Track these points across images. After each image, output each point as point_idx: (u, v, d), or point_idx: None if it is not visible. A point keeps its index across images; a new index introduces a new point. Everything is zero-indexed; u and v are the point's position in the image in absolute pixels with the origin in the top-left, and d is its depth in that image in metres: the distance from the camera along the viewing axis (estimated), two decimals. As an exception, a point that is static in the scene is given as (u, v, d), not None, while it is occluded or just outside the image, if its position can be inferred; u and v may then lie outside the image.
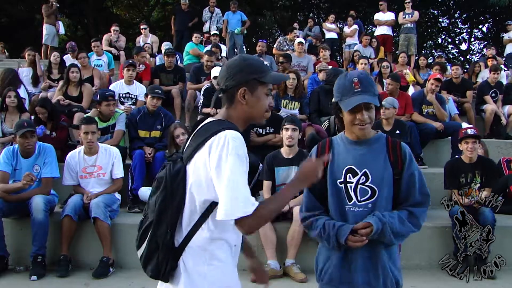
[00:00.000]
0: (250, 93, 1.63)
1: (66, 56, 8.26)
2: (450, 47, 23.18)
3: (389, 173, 1.87)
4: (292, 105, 6.01)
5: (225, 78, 1.65)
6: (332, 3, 18.97)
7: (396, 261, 1.94)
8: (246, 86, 1.62)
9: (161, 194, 1.59)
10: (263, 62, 1.79)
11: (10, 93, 5.28)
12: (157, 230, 1.59)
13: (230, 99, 1.65)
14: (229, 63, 1.68)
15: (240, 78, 1.62)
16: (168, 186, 1.58)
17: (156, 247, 1.59)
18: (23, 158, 4.19)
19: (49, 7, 9.84)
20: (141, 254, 1.64)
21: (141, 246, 1.64)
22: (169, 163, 1.65)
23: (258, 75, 1.64)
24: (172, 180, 1.59)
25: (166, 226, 1.58)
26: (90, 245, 4.11)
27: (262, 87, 1.65)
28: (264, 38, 16.48)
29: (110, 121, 5.16)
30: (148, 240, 1.61)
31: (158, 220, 1.59)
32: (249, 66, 1.64)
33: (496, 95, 7.45)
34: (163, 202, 1.58)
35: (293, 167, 4.27)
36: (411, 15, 10.30)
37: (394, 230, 1.82)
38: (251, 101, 1.63)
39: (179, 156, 1.65)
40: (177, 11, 11.15)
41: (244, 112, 1.65)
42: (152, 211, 1.62)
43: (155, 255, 1.59)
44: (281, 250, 4.01)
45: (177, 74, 7.20)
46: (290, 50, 8.86)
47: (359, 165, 1.88)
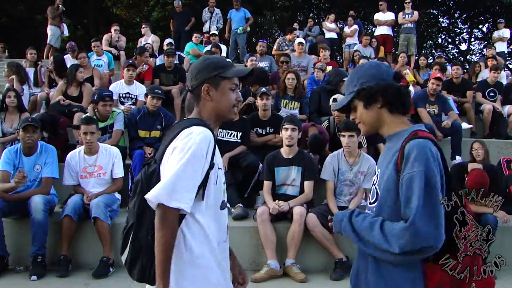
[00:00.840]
0: (214, 89, 1.70)
1: (66, 56, 8.27)
2: (450, 47, 23.20)
3: (391, 176, 1.54)
4: (292, 105, 6.02)
5: (190, 79, 1.74)
6: (332, 3, 18.99)
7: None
8: (209, 83, 1.69)
9: (138, 197, 1.61)
10: (225, 59, 1.88)
11: (10, 93, 5.28)
12: (138, 232, 1.61)
13: (197, 98, 1.72)
14: (193, 65, 1.78)
15: (202, 76, 1.70)
16: (144, 188, 1.60)
17: (139, 249, 1.60)
18: (25, 157, 4.20)
19: (55, 9, 9.90)
20: (125, 259, 1.65)
21: (124, 251, 1.65)
22: (144, 167, 1.68)
23: (219, 71, 1.70)
24: (147, 182, 1.61)
25: (147, 228, 1.59)
26: (90, 245, 4.11)
27: (225, 82, 1.71)
28: (264, 38, 16.49)
29: (107, 121, 5.16)
30: (131, 244, 1.62)
31: (138, 223, 1.61)
32: (210, 64, 1.72)
33: (495, 95, 7.45)
34: (141, 204, 1.59)
35: (293, 167, 4.28)
36: (411, 15, 10.30)
37: (355, 229, 1.57)
38: (216, 96, 1.70)
39: (154, 159, 1.68)
40: (173, 13, 11.30)
41: (212, 108, 1.71)
42: (131, 214, 1.64)
43: (139, 258, 1.60)
44: (281, 250, 4.01)
45: (177, 74, 7.19)
46: (290, 50, 8.86)
47: (379, 163, 1.69)
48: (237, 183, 4.69)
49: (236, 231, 4.00)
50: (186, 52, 8.91)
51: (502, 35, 10.75)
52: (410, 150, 1.48)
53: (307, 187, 4.25)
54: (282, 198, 4.23)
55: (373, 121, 1.63)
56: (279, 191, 4.32)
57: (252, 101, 5.84)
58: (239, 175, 4.76)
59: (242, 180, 4.73)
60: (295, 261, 3.94)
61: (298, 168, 4.27)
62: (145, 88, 6.38)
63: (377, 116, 1.62)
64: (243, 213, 4.32)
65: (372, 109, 1.61)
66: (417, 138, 1.51)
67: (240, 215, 4.29)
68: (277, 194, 4.30)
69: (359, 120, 1.67)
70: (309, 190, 4.25)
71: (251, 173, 4.67)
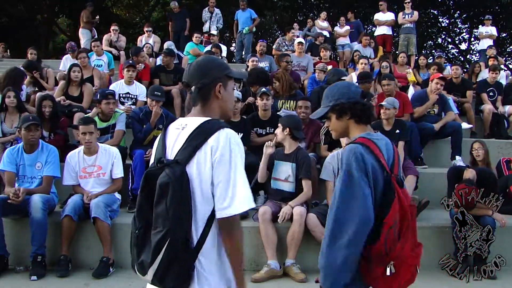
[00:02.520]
0: (223, 88, 1.73)
1: (66, 56, 8.27)
2: (450, 47, 23.20)
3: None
4: (288, 104, 6.01)
5: (198, 77, 1.71)
6: (332, 3, 18.97)
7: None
8: (221, 82, 1.72)
9: (173, 200, 1.53)
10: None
11: (10, 93, 5.27)
12: (175, 237, 1.53)
13: (205, 96, 1.71)
14: (199, 63, 1.75)
15: (214, 74, 1.71)
16: (177, 190, 1.53)
17: (174, 256, 1.53)
18: (26, 154, 4.22)
19: (89, 18, 10.29)
20: (155, 269, 1.55)
21: (154, 262, 1.55)
22: (166, 168, 1.57)
23: (228, 71, 1.76)
24: (180, 184, 1.54)
25: (185, 232, 1.55)
26: (90, 245, 4.11)
27: (231, 82, 1.78)
28: (264, 38, 16.49)
29: (110, 120, 5.16)
30: (166, 251, 1.53)
31: (174, 228, 1.53)
32: (220, 63, 1.77)
33: (495, 95, 7.45)
34: (178, 207, 1.53)
35: (289, 163, 4.26)
36: (410, 15, 10.30)
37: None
38: (225, 96, 1.73)
39: (173, 160, 1.60)
40: (171, 14, 11.37)
41: (219, 107, 1.74)
42: (164, 219, 1.53)
43: (174, 264, 1.54)
44: (281, 250, 4.01)
45: (177, 74, 7.19)
46: (290, 50, 8.86)
47: None
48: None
49: (236, 231, 3.99)
50: (186, 52, 8.91)
51: (491, 32, 10.59)
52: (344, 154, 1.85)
53: (305, 186, 4.24)
54: (277, 193, 4.24)
55: (342, 129, 2.00)
56: (274, 186, 4.31)
57: (252, 101, 5.84)
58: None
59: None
60: (295, 261, 3.94)
61: (292, 164, 4.26)
62: (145, 88, 6.40)
63: (346, 125, 1.98)
64: (243, 213, 4.31)
65: (342, 120, 1.97)
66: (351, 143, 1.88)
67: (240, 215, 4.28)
68: (273, 189, 4.30)
69: (331, 128, 2.03)
70: (308, 188, 4.23)
71: (251, 173, 4.65)
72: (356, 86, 2.10)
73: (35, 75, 6.64)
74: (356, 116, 1.95)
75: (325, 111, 2.01)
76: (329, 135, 5.16)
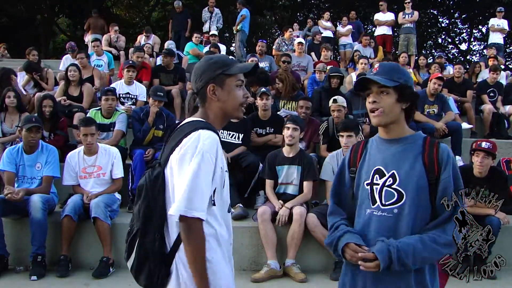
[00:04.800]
0: (219, 88, 1.66)
1: (66, 56, 8.27)
2: (450, 47, 23.21)
3: (420, 177, 1.67)
4: (290, 104, 6.01)
5: (194, 81, 1.69)
6: (332, 3, 18.99)
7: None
8: (214, 82, 1.65)
9: (144, 202, 1.58)
10: (228, 56, 1.83)
11: (10, 93, 5.27)
12: (145, 238, 1.57)
13: (203, 99, 1.68)
14: (196, 66, 1.73)
15: (206, 76, 1.66)
16: (149, 192, 1.57)
17: (145, 256, 1.57)
18: (26, 155, 4.22)
19: (97, 23, 10.59)
20: (131, 265, 1.62)
21: (130, 257, 1.62)
22: (148, 170, 1.65)
23: (223, 69, 1.66)
24: (152, 186, 1.58)
25: (154, 233, 1.56)
26: (90, 245, 4.11)
27: (230, 79, 1.67)
28: (264, 38, 16.50)
29: (112, 118, 5.20)
30: (137, 250, 1.59)
31: (144, 229, 1.57)
32: (213, 63, 1.68)
33: (495, 95, 7.45)
34: (147, 209, 1.57)
35: (293, 166, 4.27)
36: (411, 15, 10.31)
37: (407, 261, 1.63)
38: (222, 95, 1.66)
39: (158, 162, 1.65)
40: (172, 14, 11.34)
41: (219, 108, 1.68)
42: (137, 220, 1.60)
43: (145, 264, 1.57)
44: (281, 250, 4.01)
45: (177, 74, 7.20)
46: (290, 50, 8.85)
47: (388, 165, 1.72)
48: (237, 183, 4.69)
49: (236, 231, 3.95)
50: (186, 52, 8.91)
51: (502, 26, 10.33)
52: (446, 155, 1.69)
53: (306, 187, 4.25)
54: (282, 197, 4.23)
55: (395, 116, 1.70)
56: (279, 191, 4.32)
57: (252, 101, 5.84)
58: (239, 175, 4.76)
59: (242, 180, 4.73)
60: (295, 261, 3.93)
61: (298, 167, 4.27)
62: (145, 88, 6.40)
63: (399, 114, 1.70)
64: (243, 213, 4.33)
65: (398, 106, 1.69)
66: (440, 144, 1.70)
67: (240, 215, 4.29)
68: (278, 194, 4.29)
69: (382, 108, 1.68)
70: (308, 190, 4.24)
71: (251, 173, 4.66)
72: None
73: (35, 77, 6.64)
74: (411, 110, 1.72)
75: (393, 84, 1.66)
76: (327, 135, 5.14)
